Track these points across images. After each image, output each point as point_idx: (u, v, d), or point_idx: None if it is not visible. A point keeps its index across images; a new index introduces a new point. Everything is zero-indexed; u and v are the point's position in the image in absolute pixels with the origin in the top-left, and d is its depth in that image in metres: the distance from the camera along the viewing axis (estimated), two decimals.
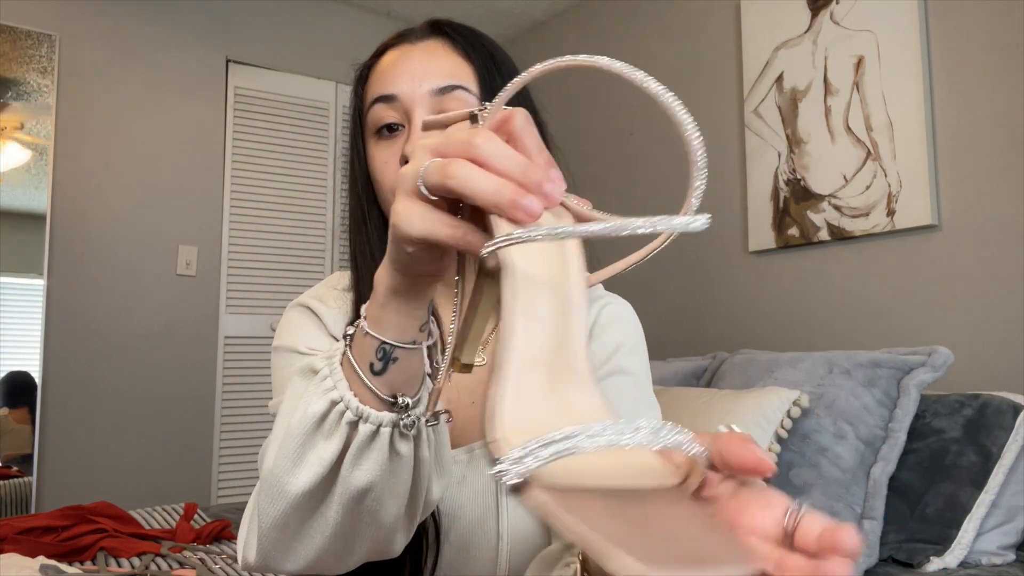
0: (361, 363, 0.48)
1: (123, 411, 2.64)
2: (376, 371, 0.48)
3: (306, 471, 0.49)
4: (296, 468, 0.49)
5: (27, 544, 1.44)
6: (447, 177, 0.37)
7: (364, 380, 0.48)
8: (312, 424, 0.49)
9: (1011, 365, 1.68)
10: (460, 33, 0.70)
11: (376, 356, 0.47)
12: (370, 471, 0.49)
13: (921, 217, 1.86)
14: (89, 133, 2.64)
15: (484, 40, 0.71)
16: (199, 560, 1.48)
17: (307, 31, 3.11)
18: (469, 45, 0.69)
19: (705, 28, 2.54)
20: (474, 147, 0.37)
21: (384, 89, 0.67)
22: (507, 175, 0.36)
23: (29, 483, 2.43)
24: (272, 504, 0.51)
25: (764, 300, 2.27)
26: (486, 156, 0.37)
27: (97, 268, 2.62)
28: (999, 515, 1.38)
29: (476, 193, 0.36)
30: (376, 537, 0.53)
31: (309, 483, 0.49)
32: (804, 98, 2.16)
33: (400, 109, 0.67)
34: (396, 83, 0.67)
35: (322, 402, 0.49)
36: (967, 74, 1.82)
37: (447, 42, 0.69)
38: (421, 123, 0.45)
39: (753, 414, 1.47)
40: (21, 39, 2.51)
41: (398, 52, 0.69)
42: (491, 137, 0.38)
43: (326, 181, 3.10)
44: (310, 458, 0.49)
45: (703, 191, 0.39)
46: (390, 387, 0.48)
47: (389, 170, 0.67)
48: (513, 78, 0.68)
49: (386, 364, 0.47)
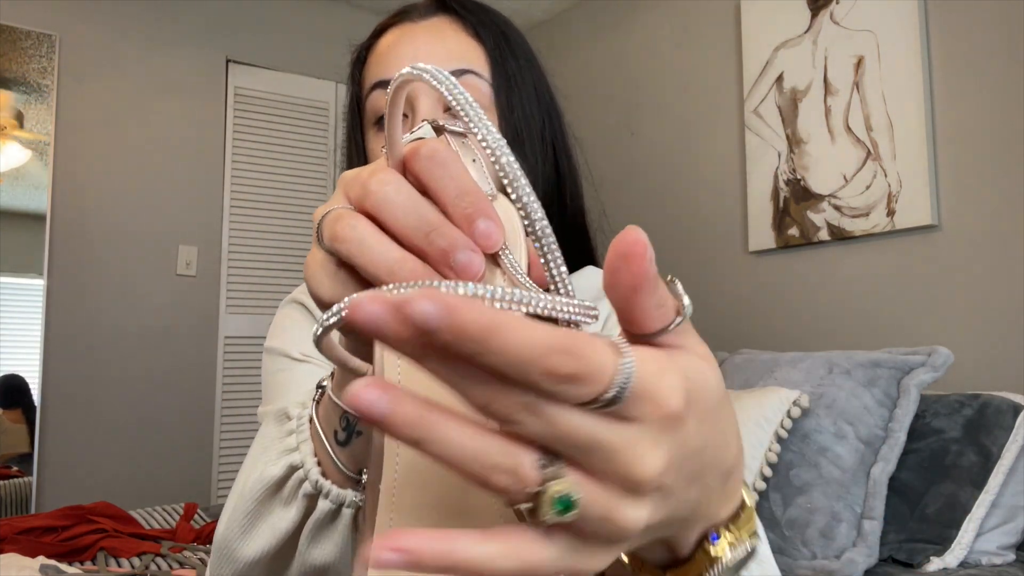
0: (326, 429, 0.41)
1: (123, 411, 2.64)
2: (340, 441, 0.41)
3: (258, 540, 0.43)
4: (248, 533, 0.43)
5: (27, 544, 1.44)
6: (335, 240, 0.29)
7: (328, 448, 0.41)
8: (268, 489, 0.43)
9: (1011, 365, 1.68)
10: (469, 10, 0.61)
11: (340, 425, 0.40)
12: (329, 551, 0.43)
13: (921, 217, 1.86)
14: (89, 133, 2.64)
15: (496, 17, 0.63)
16: (199, 560, 1.48)
17: (307, 31, 3.11)
18: (479, 23, 0.60)
19: (705, 28, 2.54)
20: (368, 194, 0.28)
21: (384, 73, 0.60)
22: (407, 240, 0.28)
23: (29, 483, 2.43)
24: (220, 567, 0.45)
25: (764, 300, 2.27)
26: (379, 208, 0.28)
27: (97, 268, 2.62)
28: (999, 515, 1.38)
29: (368, 267, 0.28)
30: None
31: (261, 552, 0.43)
32: (804, 98, 2.16)
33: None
34: (397, 66, 0.58)
35: (279, 466, 0.42)
36: (967, 74, 1.82)
37: (454, 20, 0.61)
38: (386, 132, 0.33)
39: (753, 414, 1.47)
40: (21, 39, 2.51)
41: (399, 31, 0.61)
42: (389, 180, 0.29)
43: (326, 181, 3.10)
44: (263, 527, 0.43)
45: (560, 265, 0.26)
46: (355, 462, 0.41)
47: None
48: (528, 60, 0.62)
49: (349, 436, 0.40)
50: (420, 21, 0.61)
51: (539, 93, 0.62)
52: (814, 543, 1.36)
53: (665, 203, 2.62)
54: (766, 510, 1.44)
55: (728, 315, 2.37)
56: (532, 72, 0.62)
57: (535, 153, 0.60)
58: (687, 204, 2.52)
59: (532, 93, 0.61)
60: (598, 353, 0.20)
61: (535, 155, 0.60)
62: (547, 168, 0.62)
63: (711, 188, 2.47)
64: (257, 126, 2.98)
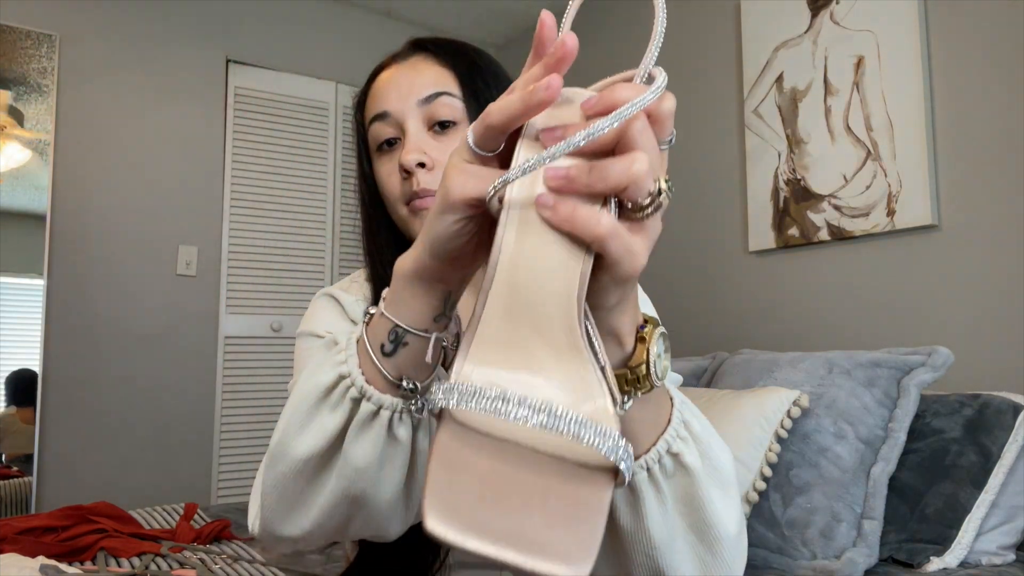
0: (373, 343, 0.49)
1: (123, 411, 2.64)
2: (386, 352, 0.48)
3: (310, 438, 0.51)
4: (301, 433, 0.51)
5: (27, 544, 1.44)
6: (484, 117, 0.40)
7: (373, 359, 0.49)
8: (320, 394, 0.50)
9: (1011, 365, 1.68)
10: (439, 46, 0.76)
11: (388, 338, 0.48)
12: (367, 451, 0.50)
13: (921, 217, 1.86)
14: (89, 133, 2.64)
15: (464, 48, 0.77)
16: (199, 560, 1.48)
17: (307, 31, 3.11)
18: (448, 55, 0.75)
19: (705, 28, 2.54)
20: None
21: (378, 108, 0.74)
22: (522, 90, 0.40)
23: (29, 483, 2.43)
24: (275, 466, 0.53)
25: (764, 300, 2.27)
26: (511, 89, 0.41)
27: (97, 268, 2.62)
28: (999, 515, 1.38)
29: (504, 109, 0.39)
30: (369, 517, 0.53)
31: (312, 449, 0.51)
32: (804, 98, 2.16)
33: (394, 123, 0.73)
34: (387, 100, 0.73)
35: (331, 374, 0.50)
36: (967, 74, 1.82)
37: (428, 56, 0.75)
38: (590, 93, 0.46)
39: (753, 414, 1.47)
40: (21, 39, 2.51)
41: (388, 72, 0.76)
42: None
43: (326, 181, 3.10)
44: (314, 426, 0.51)
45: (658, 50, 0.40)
46: (398, 370, 0.49)
47: (392, 181, 0.73)
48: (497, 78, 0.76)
49: (396, 346, 0.48)
50: (403, 62, 0.76)
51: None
52: (814, 543, 1.36)
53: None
54: (766, 510, 1.44)
55: (728, 315, 2.37)
56: (500, 84, 0.75)
57: None
58: (687, 204, 2.52)
59: None
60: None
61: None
62: None
63: (711, 188, 2.47)
64: (257, 126, 2.98)
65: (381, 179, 0.74)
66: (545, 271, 0.38)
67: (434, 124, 0.72)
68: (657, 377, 0.44)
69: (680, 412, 0.50)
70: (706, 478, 0.50)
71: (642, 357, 0.44)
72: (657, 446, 0.48)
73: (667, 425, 0.49)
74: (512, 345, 0.38)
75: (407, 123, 0.71)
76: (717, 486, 0.51)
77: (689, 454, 0.50)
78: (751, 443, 1.43)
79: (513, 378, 0.37)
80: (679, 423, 0.50)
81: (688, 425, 0.50)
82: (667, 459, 0.49)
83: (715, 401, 1.58)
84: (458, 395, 0.36)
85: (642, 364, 0.44)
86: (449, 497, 0.34)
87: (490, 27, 3.39)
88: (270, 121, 3.00)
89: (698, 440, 0.51)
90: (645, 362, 0.44)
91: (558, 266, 0.38)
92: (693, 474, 0.50)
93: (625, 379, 0.44)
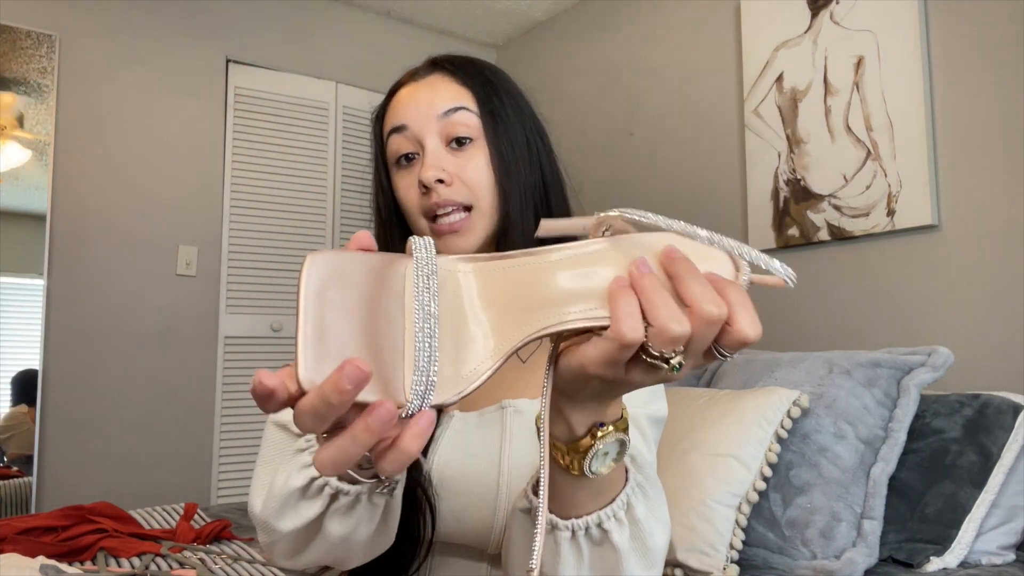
0: None
1: (123, 411, 2.63)
2: (363, 466, 0.47)
3: (289, 522, 0.56)
4: (280, 517, 0.56)
5: (27, 544, 1.44)
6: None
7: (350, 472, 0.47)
8: (293, 495, 0.55)
9: (1011, 365, 1.68)
10: (456, 64, 0.79)
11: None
12: (346, 525, 0.54)
13: (921, 217, 1.86)
14: (89, 133, 2.64)
15: (480, 65, 0.80)
16: (199, 560, 1.48)
17: (307, 31, 3.11)
18: (465, 73, 0.77)
19: (705, 28, 2.54)
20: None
21: (397, 121, 0.76)
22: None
23: (29, 483, 2.43)
24: (265, 536, 0.60)
25: (764, 300, 2.27)
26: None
27: (97, 268, 2.62)
28: (999, 515, 1.38)
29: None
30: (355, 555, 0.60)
31: (294, 527, 0.56)
32: (804, 98, 2.16)
33: (412, 137, 0.75)
34: (406, 114, 0.75)
35: (300, 477, 0.54)
36: (967, 74, 1.82)
37: (446, 74, 0.77)
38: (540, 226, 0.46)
39: (753, 414, 1.47)
40: (21, 39, 2.51)
41: (407, 89, 0.78)
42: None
43: (326, 181, 3.10)
44: (291, 515, 0.56)
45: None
46: (372, 472, 0.47)
47: (411, 195, 0.75)
48: (511, 94, 0.79)
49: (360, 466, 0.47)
50: (421, 80, 0.78)
51: (523, 118, 0.79)
52: (814, 543, 1.36)
53: (665, 203, 2.62)
54: (766, 510, 1.44)
55: None
56: (515, 102, 0.78)
57: (521, 166, 0.76)
58: (687, 204, 2.52)
59: (516, 119, 0.77)
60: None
61: (520, 168, 0.76)
62: (533, 178, 0.77)
63: (711, 188, 2.47)
64: (257, 126, 2.97)
65: (400, 192, 0.77)
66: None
67: (451, 140, 0.74)
68: (589, 472, 0.46)
69: (627, 495, 0.52)
70: (632, 556, 0.52)
71: (585, 447, 0.46)
72: (589, 517, 0.51)
73: (609, 503, 0.51)
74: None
75: (425, 139, 0.74)
76: (643, 566, 0.54)
77: (619, 534, 0.52)
78: (751, 443, 1.43)
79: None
80: (621, 505, 0.52)
81: (631, 509, 0.52)
82: (595, 531, 0.51)
83: (715, 401, 1.58)
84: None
85: (580, 455, 0.46)
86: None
87: (490, 27, 3.39)
88: (270, 121, 3.00)
89: (635, 524, 0.52)
90: (582, 455, 0.46)
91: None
92: (619, 551, 0.52)
93: (563, 452, 0.47)
